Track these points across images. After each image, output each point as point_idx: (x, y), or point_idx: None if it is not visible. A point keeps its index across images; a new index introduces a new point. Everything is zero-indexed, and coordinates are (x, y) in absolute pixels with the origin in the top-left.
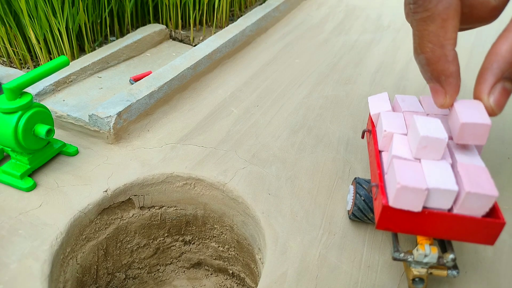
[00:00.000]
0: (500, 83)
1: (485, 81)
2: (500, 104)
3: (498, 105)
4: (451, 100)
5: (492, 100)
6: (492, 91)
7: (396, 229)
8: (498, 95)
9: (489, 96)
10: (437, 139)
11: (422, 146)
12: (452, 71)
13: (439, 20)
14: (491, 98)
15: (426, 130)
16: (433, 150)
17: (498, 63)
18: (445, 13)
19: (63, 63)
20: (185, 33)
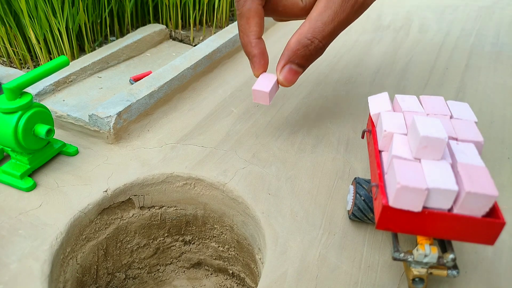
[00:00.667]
0: (288, 64)
1: (278, 63)
2: (287, 79)
3: (285, 79)
4: (257, 72)
5: (281, 76)
6: (282, 70)
7: (396, 229)
8: (286, 73)
9: (280, 73)
10: (437, 139)
11: (422, 146)
12: (255, 53)
13: (244, 18)
14: (280, 75)
15: (426, 130)
16: (433, 150)
17: (287, 51)
18: (248, 13)
19: (63, 63)
20: (185, 33)
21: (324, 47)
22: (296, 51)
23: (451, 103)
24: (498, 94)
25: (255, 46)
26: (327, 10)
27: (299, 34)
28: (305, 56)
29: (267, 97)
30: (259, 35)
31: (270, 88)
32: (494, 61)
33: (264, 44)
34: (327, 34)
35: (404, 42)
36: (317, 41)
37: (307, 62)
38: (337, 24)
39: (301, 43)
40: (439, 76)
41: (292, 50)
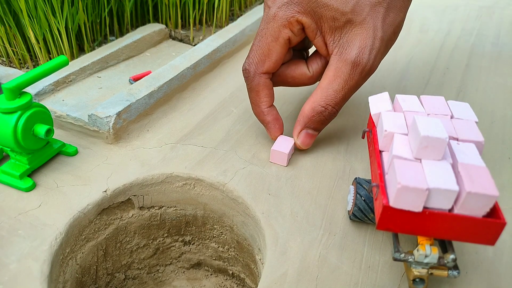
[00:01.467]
0: (304, 130)
1: (295, 129)
2: (305, 143)
3: (303, 143)
4: (273, 136)
5: (299, 141)
6: (299, 135)
7: (396, 229)
8: (303, 138)
9: (297, 138)
10: (438, 139)
11: (423, 146)
12: (268, 121)
13: (254, 91)
14: (298, 140)
15: (427, 130)
16: (434, 150)
17: (303, 117)
18: (256, 87)
19: (63, 63)
20: (185, 32)
21: (337, 112)
22: (311, 118)
23: (451, 103)
24: (499, 94)
25: (267, 114)
26: (337, 79)
27: (312, 102)
28: (320, 121)
29: (285, 158)
30: (269, 104)
31: (288, 150)
32: (494, 61)
33: (276, 110)
34: (339, 100)
35: (404, 42)
36: (330, 107)
37: (322, 126)
38: (347, 91)
39: (315, 110)
40: (439, 76)
41: (307, 117)
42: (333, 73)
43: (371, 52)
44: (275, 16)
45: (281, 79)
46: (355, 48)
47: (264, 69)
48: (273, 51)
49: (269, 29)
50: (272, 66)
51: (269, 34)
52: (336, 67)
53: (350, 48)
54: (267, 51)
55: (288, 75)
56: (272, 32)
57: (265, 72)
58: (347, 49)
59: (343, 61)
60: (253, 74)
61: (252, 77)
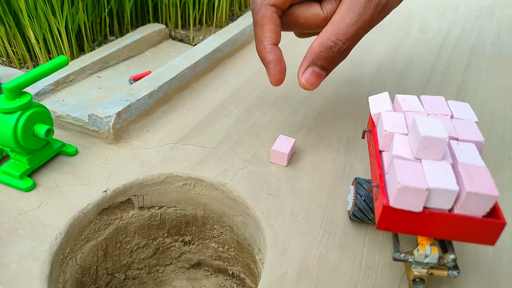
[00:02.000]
0: (311, 67)
1: (301, 66)
2: (310, 82)
3: (308, 82)
4: (273, 79)
5: (304, 78)
6: (304, 72)
7: (396, 229)
8: (308, 75)
9: (302, 76)
10: (438, 139)
11: (423, 146)
12: (270, 59)
13: (259, 25)
14: (303, 78)
15: (427, 130)
16: (434, 150)
17: (310, 53)
18: (262, 20)
19: (63, 63)
20: (185, 32)
21: (348, 49)
22: (319, 53)
23: (451, 103)
24: (499, 94)
25: (269, 52)
26: (350, 12)
27: (322, 37)
28: (328, 58)
29: (285, 158)
30: (274, 42)
31: (288, 150)
32: (494, 61)
33: (281, 52)
34: (351, 35)
35: (404, 41)
36: (341, 42)
37: (330, 64)
38: (360, 26)
39: (324, 45)
40: (439, 76)
41: (315, 53)
42: (346, 7)
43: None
44: None
45: (293, 20)
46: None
47: (272, 0)
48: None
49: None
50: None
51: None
52: (350, 1)
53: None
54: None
55: (300, 15)
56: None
57: (272, 5)
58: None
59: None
60: (260, 5)
61: (259, 8)
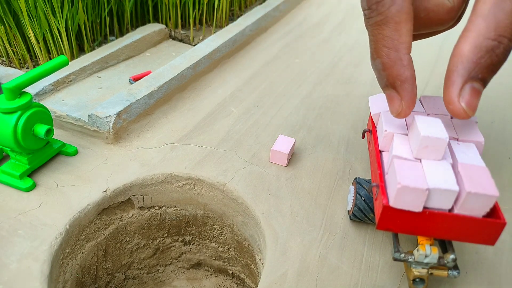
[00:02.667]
0: (468, 84)
1: (453, 84)
2: (472, 105)
3: (470, 106)
4: (407, 106)
5: (464, 102)
6: (462, 93)
7: (396, 229)
8: (469, 97)
9: (459, 99)
10: (438, 139)
11: (423, 146)
12: (407, 76)
13: (392, 23)
14: (462, 101)
15: (427, 130)
16: (434, 150)
17: (463, 64)
18: (398, 16)
19: (63, 63)
20: (185, 32)
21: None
22: (478, 61)
23: None
24: (499, 94)
25: (407, 66)
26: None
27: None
28: (491, 65)
29: (285, 158)
30: (410, 49)
31: (288, 150)
32: None
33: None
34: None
35: None
36: (506, 40)
37: (492, 73)
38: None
39: (483, 47)
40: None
41: (471, 61)
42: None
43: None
44: None
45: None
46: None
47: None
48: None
49: None
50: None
51: None
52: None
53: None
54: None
55: (420, 7)
56: None
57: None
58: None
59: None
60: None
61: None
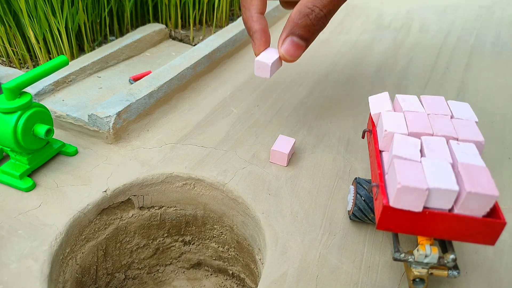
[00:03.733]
0: (289, 37)
1: (280, 37)
2: (289, 52)
3: (287, 52)
4: (257, 49)
5: (283, 49)
6: (283, 42)
7: (396, 229)
8: (287, 45)
9: (281, 46)
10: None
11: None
12: (256, 29)
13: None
14: (282, 48)
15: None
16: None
17: (289, 23)
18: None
19: (63, 63)
20: (185, 32)
21: (326, 16)
22: (297, 21)
23: (452, 103)
24: (499, 94)
25: (256, 21)
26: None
27: (299, 5)
28: (306, 26)
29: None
30: (261, 11)
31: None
32: (494, 61)
33: (266, 22)
34: (328, 2)
35: (404, 41)
36: (318, 9)
37: (309, 33)
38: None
39: (302, 12)
40: (439, 76)
41: (293, 21)
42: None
43: None
44: None
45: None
46: None
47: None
48: None
49: None
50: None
51: None
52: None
53: None
54: None
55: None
56: None
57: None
58: None
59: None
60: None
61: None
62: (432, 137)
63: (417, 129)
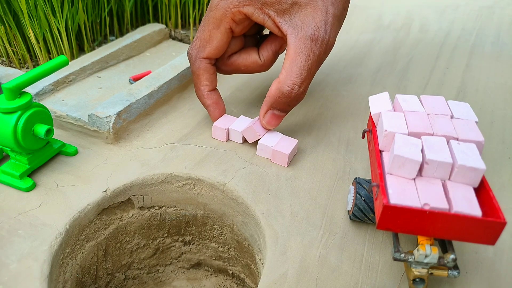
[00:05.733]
0: (270, 110)
1: (262, 109)
2: (270, 123)
3: (268, 123)
4: (213, 118)
5: (265, 121)
6: (265, 115)
7: (396, 229)
8: (268, 118)
9: (263, 118)
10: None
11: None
12: (208, 104)
13: (195, 75)
14: (264, 120)
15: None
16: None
17: (269, 97)
18: (197, 71)
19: (63, 63)
20: (185, 32)
21: (303, 92)
22: (278, 99)
23: (452, 103)
24: (499, 94)
25: (207, 98)
26: (299, 55)
27: (278, 83)
28: (286, 102)
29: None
30: (210, 88)
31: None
32: (494, 61)
33: (218, 94)
34: (305, 77)
35: (404, 41)
36: (297, 87)
37: (288, 107)
38: (311, 66)
39: (281, 91)
40: (439, 76)
41: (273, 97)
42: (293, 51)
43: (326, 27)
44: (217, 6)
45: (235, 68)
46: (310, 25)
47: (205, 54)
48: (214, 38)
49: (211, 17)
50: (213, 52)
51: (211, 22)
52: (296, 45)
53: (305, 26)
54: (209, 38)
55: (241, 64)
56: (214, 20)
57: (206, 57)
58: (302, 27)
59: (301, 38)
60: (195, 58)
61: (194, 61)
62: (432, 137)
63: (417, 129)
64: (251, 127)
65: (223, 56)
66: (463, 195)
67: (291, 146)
